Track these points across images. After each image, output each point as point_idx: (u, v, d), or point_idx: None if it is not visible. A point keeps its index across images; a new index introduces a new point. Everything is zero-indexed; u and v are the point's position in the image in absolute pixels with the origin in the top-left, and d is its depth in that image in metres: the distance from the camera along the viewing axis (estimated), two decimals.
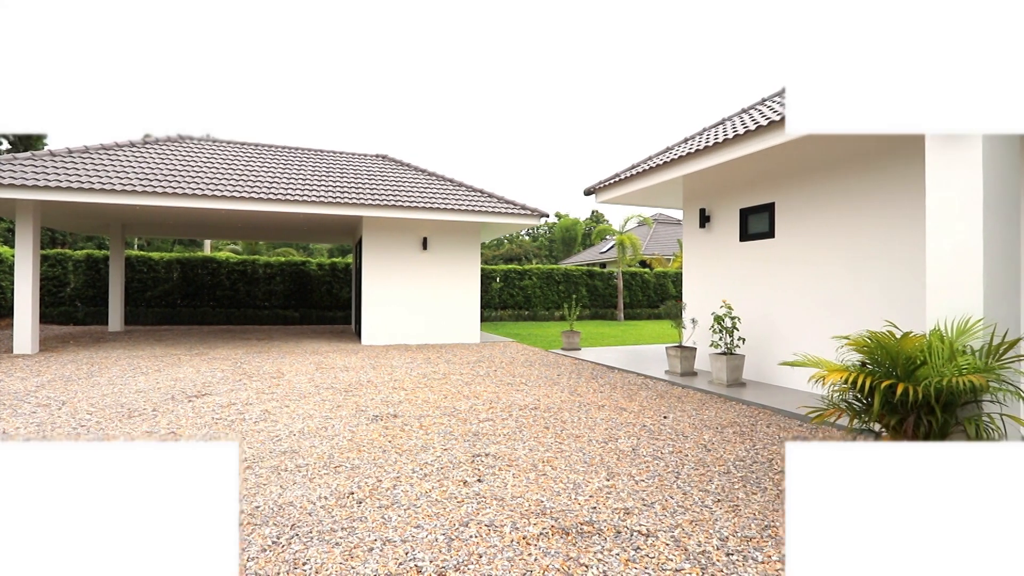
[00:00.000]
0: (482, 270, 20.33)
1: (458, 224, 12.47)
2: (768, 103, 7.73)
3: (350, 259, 19.53)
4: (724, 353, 6.84)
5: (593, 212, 55.15)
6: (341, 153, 14.83)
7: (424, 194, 12.20)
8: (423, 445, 4.42)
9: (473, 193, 12.99)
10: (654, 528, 2.96)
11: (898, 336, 2.80)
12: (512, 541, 2.80)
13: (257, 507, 3.19)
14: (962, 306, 2.92)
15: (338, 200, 10.77)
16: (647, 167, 8.19)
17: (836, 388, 3.02)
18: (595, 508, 3.21)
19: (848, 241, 6.09)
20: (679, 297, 9.17)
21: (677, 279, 23.64)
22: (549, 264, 34.65)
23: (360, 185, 12.06)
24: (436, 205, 11.59)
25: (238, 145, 13.64)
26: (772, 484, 3.63)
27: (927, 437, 2.67)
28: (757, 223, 7.39)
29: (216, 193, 9.93)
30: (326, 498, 3.33)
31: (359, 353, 10.21)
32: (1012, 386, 2.70)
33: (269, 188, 10.67)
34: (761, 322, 7.15)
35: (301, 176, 11.91)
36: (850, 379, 2.79)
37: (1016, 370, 2.74)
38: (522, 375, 7.95)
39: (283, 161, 12.92)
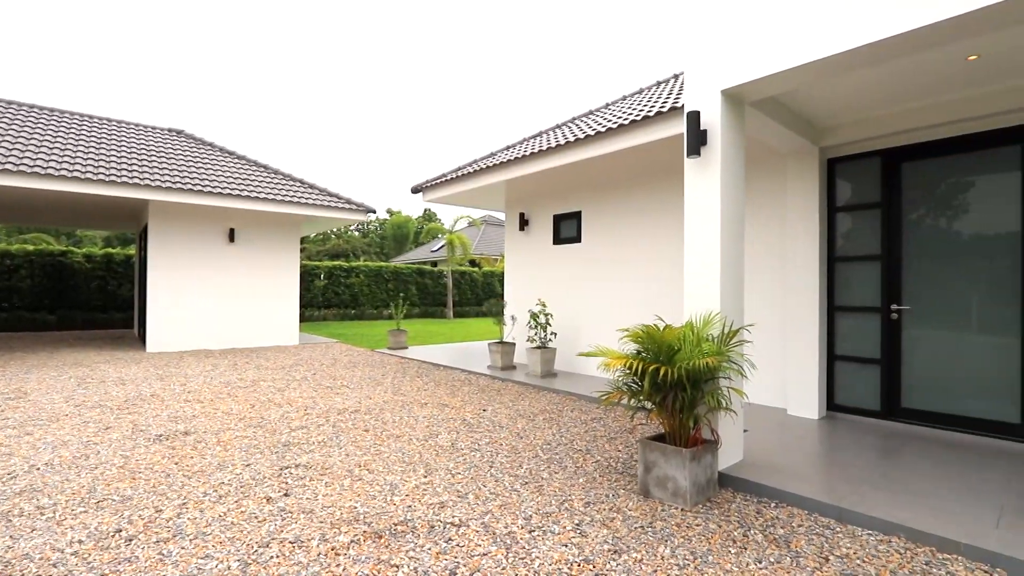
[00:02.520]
0: (304, 266, 18.80)
1: (274, 216, 11.33)
2: (580, 120, 8.62)
3: (132, 250, 16.34)
4: (539, 347, 7.44)
5: (426, 211, 55.03)
6: (122, 122, 12.31)
7: (231, 179, 10.80)
8: (220, 463, 3.93)
9: (292, 183, 11.93)
10: (466, 517, 3.09)
11: (662, 328, 3.39)
12: (319, 555, 2.65)
13: None
14: (706, 303, 3.65)
15: (114, 179, 8.91)
16: (472, 170, 8.48)
17: (620, 373, 3.52)
18: (411, 507, 3.22)
19: (640, 247, 7.12)
20: (501, 295, 9.71)
21: (503, 278, 24.95)
22: (380, 262, 33.59)
23: (146, 162, 10.16)
24: (246, 193, 10.36)
25: None
26: (571, 462, 4.07)
27: (681, 410, 3.27)
28: (568, 229, 8.20)
29: None
30: (81, 542, 2.74)
31: (143, 362, 8.61)
32: (736, 365, 3.46)
33: (8, 156, 8.33)
34: (571, 318, 7.95)
35: (61, 145, 9.56)
36: (627, 365, 3.28)
37: (739, 353, 3.52)
38: (344, 377, 7.58)
39: (37, 124, 10.23)
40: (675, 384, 3.15)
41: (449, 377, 7.72)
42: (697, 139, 3.74)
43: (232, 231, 10.88)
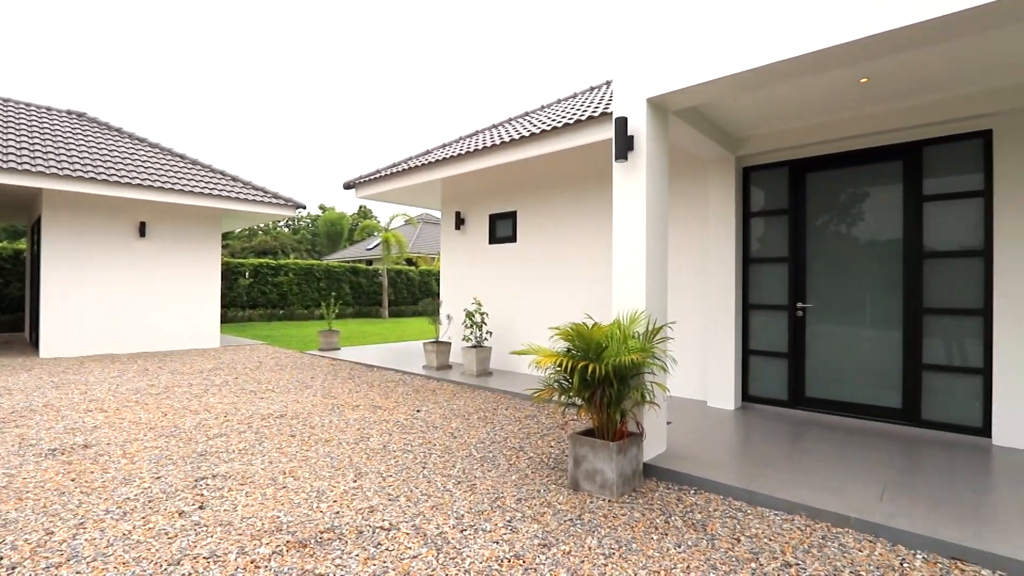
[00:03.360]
0: (227, 264, 17.70)
1: (191, 209, 10.57)
2: (516, 121, 8.70)
3: (23, 244, 14.66)
4: (474, 346, 7.45)
5: (361, 208, 53.41)
6: (9, 101, 10.99)
7: (141, 168, 9.96)
8: (125, 477, 3.62)
9: (212, 175, 11.18)
10: (397, 521, 3.04)
11: (591, 326, 3.50)
12: (238, 569, 2.51)
13: None
14: (633, 302, 3.81)
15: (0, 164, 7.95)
16: (407, 167, 8.33)
17: (551, 371, 3.59)
18: (338, 513, 3.13)
19: (574, 248, 7.30)
20: (438, 295, 9.62)
21: (440, 277, 24.69)
22: (311, 260, 32.20)
23: (39, 147, 9.15)
24: (159, 183, 9.58)
25: None
26: (505, 460, 4.11)
27: (609, 405, 3.40)
28: (503, 228, 8.26)
29: None
30: None
31: (35, 369, 7.76)
32: (660, 361, 3.64)
33: None
34: (506, 317, 8.01)
35: None
36: (558, 362, 3.36)
37: (662, 349, 3.70)
38: (269, 381, 7.21)
39: None
40: (603, 380, 3.27)
41: (383, 378, 7.55)
42: (624, 144, 3.89)
43: (143, 225, 10.04)
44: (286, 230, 47.95)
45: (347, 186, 9.50)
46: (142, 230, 10.04)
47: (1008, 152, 4.30)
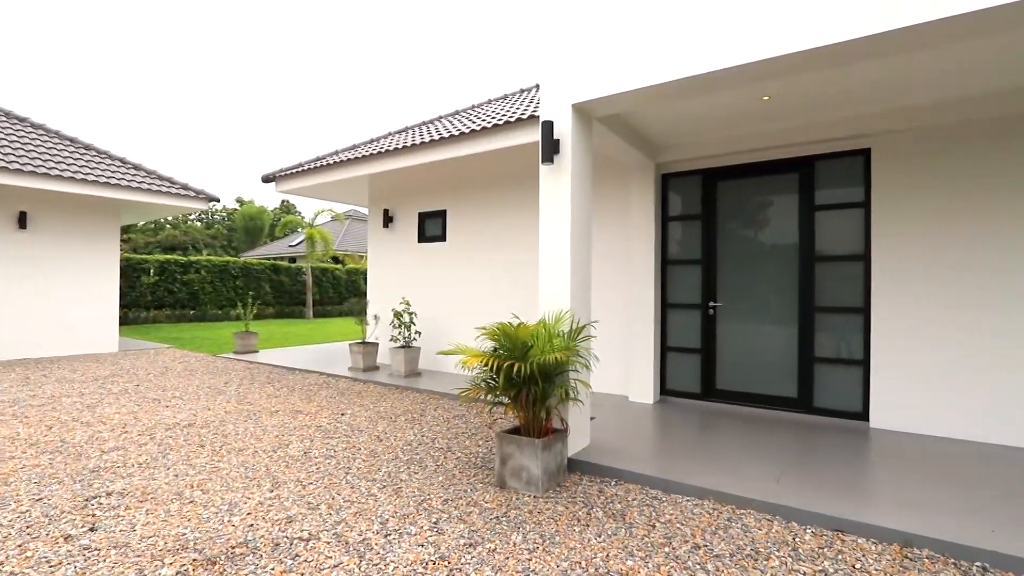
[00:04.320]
0: (127, 260, 16.16)
1: (82, 199, 9.53)
2: (447, 119, 8.63)
3: None
4: (403, 347, 7.32)
5: (283, 202, 50.70)
6: None
7: (22, 152, 8.84)
8: None
9: (110, 162, 10.15)
10: (317, 530, 2.93)
11: (516, 326, 3.56)
12: None
13: None
14: (558, 302, 3.92)
15: None
16: (332, 161, 8.02)
17: (478, 370, 3.61)
18: (252, 526, 2.96)
19: (504, 248, 7.36)
20: (366, 294, 9.35)
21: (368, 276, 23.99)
22: (227, 256, 30.13)
23: None
24: (42, 169, 8.56)
25: None
26: (432, 461, 4.07)
27: (534, 402, 3.47)
28: (433, 227, 8.17)
29: None
30: None
31: None
32: (583, 359, 3.78)
33: None
34: (436, 317, 7.94)
35: None
36: (484, 362, 3.39)
37: (585, 347, 3.84)
38: (176, 387, 6.67)
39: None
40: (528, 379, 3.33)
41: (305, 381, 7.22)
42: (551, 147, 3.99)
43: (23, 215, 8.93)
44: (199, 224, 44.56)
45: (266, 179, 8.98)
46: (22, 221, 8.92)
47: (883, 168, 4.87)
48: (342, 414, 5.45)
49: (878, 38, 2.88)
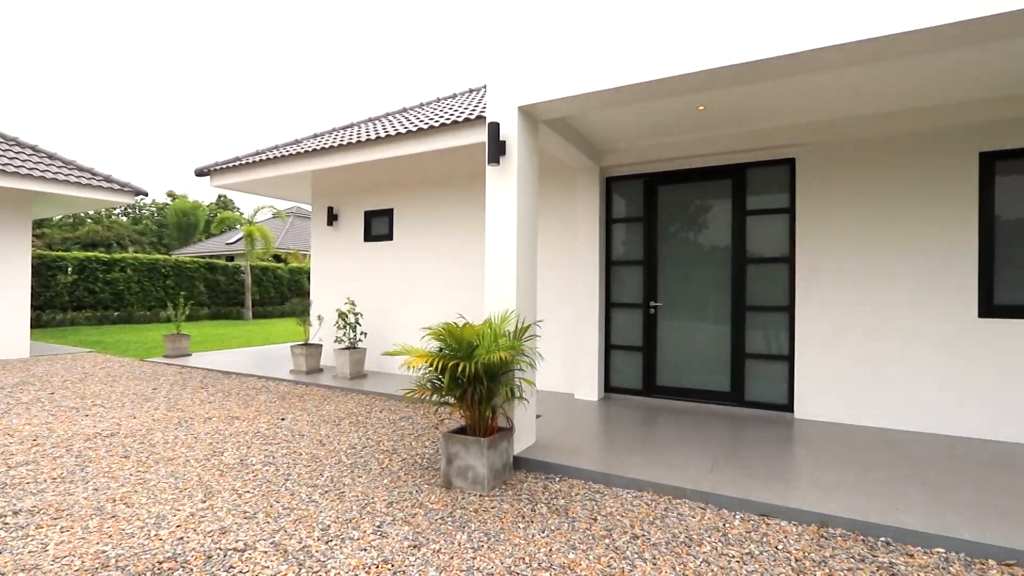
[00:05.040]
0: (41, 257, 14.84)
1: None
2: (394, 117, 8.50)
3: None
4: (348, 348, 7.14)
5: (220, 197, 48.12)
6: None
7: None
8: None
9: (19, 149, 9.29)
10: (253, 540, 2.82)
11: (462, 326, 3.57)
12: None
13: None
14: (504, 301, 3.96)
15: None
16: (273, 156, 7.71)
17: (424, 371, 3.59)
18: (183, 539, 2.81)
19: (451, 247, 7.33)
20: (308, 294, 9.05)
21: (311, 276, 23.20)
22: (158, 254, 28.22)
23: None
24: None
25: None
26: (377, 464, 4.01)
27: (480, 402, 3.49)
28: (379, 226, 8.02)
29: None
30: None
31: None
32: (528, 358, 3.84)
33: None
34: (382, 317, 7.80)
35: None
36: (430, 362, 3.38)
37: (531, 346, 3.90)
38: (97, 395, 6.21)
39: None
40: (474, 378, 3.35)
41: (243, 386, 6.91)
42: (497, 148, 4.02)
43: None
44: (124, 219, 41.57)
45: (200, 173, 8.51)
46: None
47: (806, 177, 5.23)
48: (282, 419, 5.26)
49: (796, 56, 3.11)
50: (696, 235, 5.94)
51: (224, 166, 8.27)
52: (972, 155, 4.62)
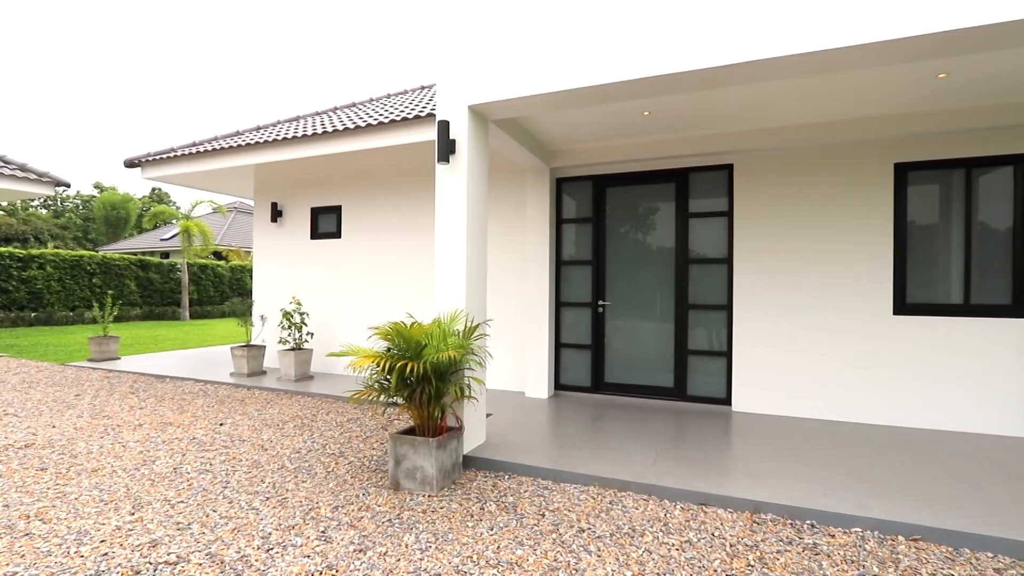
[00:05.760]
0: None
1: None
2: (343, 111, 8.27)
3: None
4: (293, 349, 6.90)
5: (154, 190, 45.31)
6: None
7: None
8: None
9: None
10: (187, 552, 2.69)
11: (410, 325, 3.53)
12: None
13: None
14: (453, 300, 3.95)
15: None
16: (212, 147, 7.34)
17: (371, 371, 3.53)
18: (107, 555, 2.64)
19: (402, 246, 7.21)
20: (251, 293, 8.67)
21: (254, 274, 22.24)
22: (83, 250, 26.15)
23: None
24: None
25: None
26: (322, 467, 3.91)
27: (429, 402, 3.47)
28: (327, 223, 7.80)
29: None
30: None
31: None
32: (478, 357, 3.84)
33: None
34: (329, 317, 7.59)
35: None
36: (377, 362, 3.32)
37: (480, 345, 3.91)
38: (11, 402, 5.71)
39: None
40: (422, 378, 3.32)
41: (178, 390, 6.54)
42: (447, 147, 4.00)
43: None
44: (44, 212, 38.41)
45: (129, 164, 7.98)
46: None
47: (743, 183, 5.51)
48: (221, 424, 5.03)
49: (732, 68, 3.27)
50: (643, 236, 6.14)
51: (157, 157, 7.79)
52: (888, 165, 5.02)
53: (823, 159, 5.24)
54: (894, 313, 4.97)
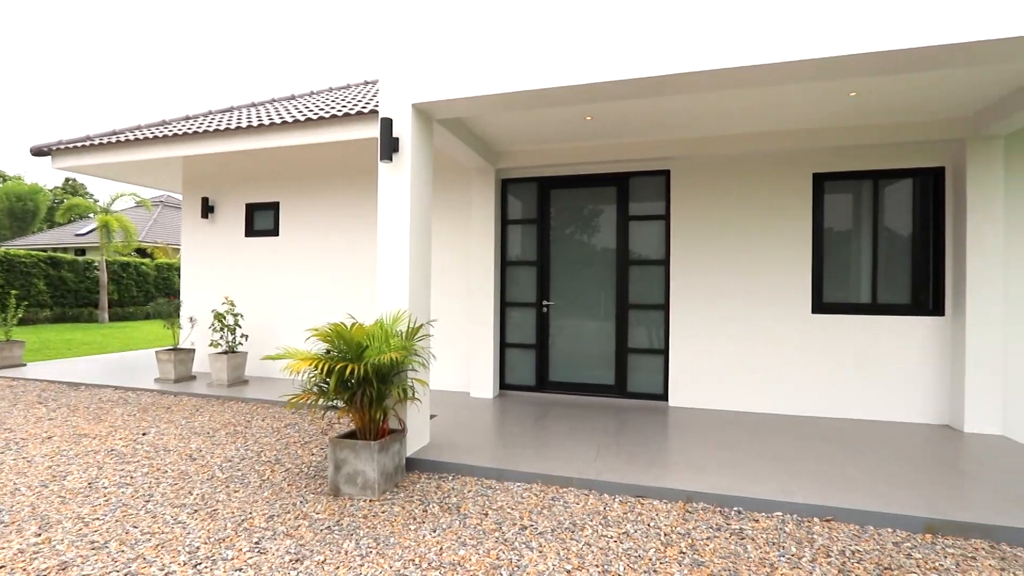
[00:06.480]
0: None
1: None
2: (280, 103, 7.93)
3: None
4: (226, 352, 6.56)
5: (68, 181, 41.56)
6: None
7: None
8: None
9: None
10: (102, 573, 2.50)
11: (351, 326, 3.45)
12: None
13: None
14: (396, 301, 3.89)
15: None
16: (135, 137, 6.83)
17: (309, 374, 3.42)
18: None
19: (343, 245, 7.01)
20: (179, 293, 8.14)
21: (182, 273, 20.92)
22: None
23: None
24: None
25: None
26: (257, 476, 3.74)
27: (370, 404, 3.40)
28: (263, 220, 7.46)
29: None
30: None
31: None
32: (421, 358, 3.81)
33: None
34: (266, 318, 7.27)
35: None
36: (315, 365, 3.22)
37: (423, 346, 3.88)
38: None
39: None
40: (363, 380, 3.26)
41: (94, 398, 6.05)
42: (390, 145, 3.94)
43: None
44: None
45: (37, 152, 7.30)
46: None
47: (678, 188, 5.78)
48: (144, 433, 4.70)
49: (664, 79, 3.43)
50: (586, 237, 6.29)
51: (70, 145, 7.16)
52: (808, 175, 5.41)
53: (752, 167, 5.57)
54: (812, 312, 5.37)
